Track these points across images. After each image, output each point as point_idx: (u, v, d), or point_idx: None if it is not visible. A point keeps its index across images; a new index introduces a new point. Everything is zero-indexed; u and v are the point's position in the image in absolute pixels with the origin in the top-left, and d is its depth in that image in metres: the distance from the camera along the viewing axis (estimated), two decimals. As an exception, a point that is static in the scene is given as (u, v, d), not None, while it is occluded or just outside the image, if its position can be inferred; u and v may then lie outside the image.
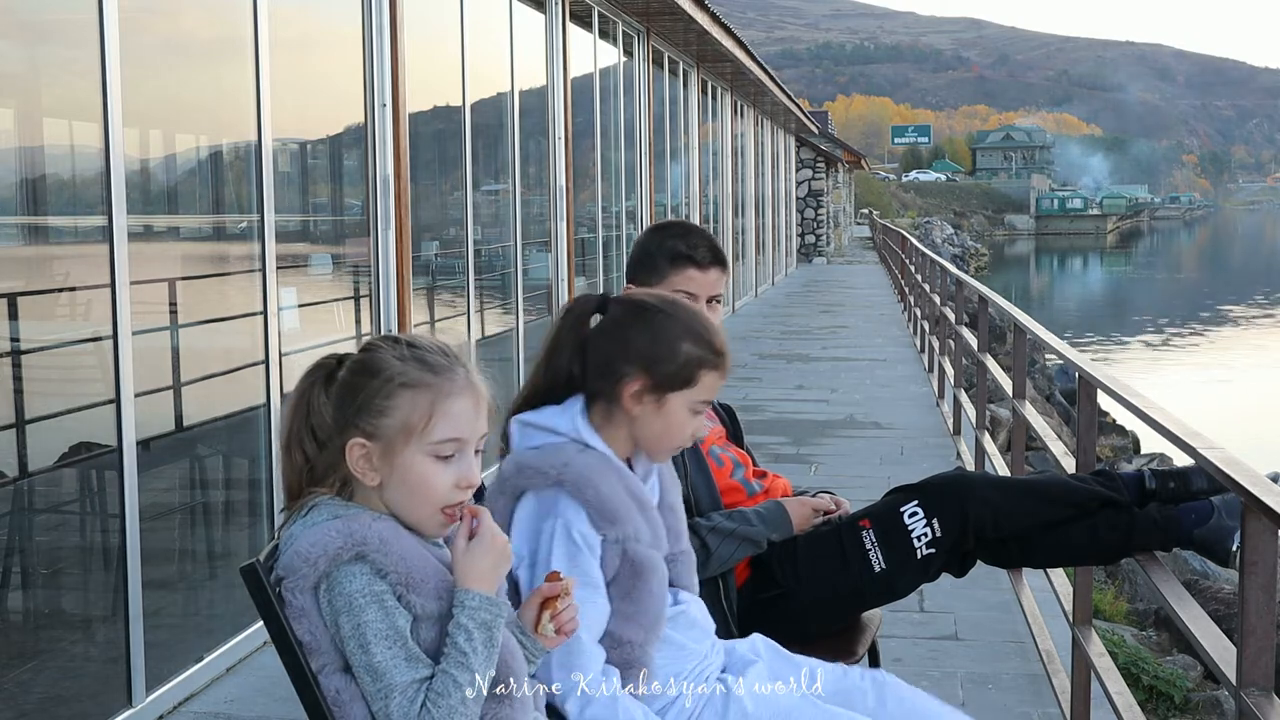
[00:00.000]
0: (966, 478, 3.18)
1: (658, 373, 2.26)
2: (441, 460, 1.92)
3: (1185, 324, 35.71)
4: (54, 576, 4.18)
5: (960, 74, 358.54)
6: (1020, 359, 5.82)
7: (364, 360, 1.95)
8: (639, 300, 2.35)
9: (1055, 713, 4.15)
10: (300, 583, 1.86)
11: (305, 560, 1.86)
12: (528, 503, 2.22)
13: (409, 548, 1.90)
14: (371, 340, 1.99)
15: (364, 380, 1.93)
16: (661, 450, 2.34)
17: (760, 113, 23.97)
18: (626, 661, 2.22)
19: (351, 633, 1.84)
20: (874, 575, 2.98)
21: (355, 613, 1.84)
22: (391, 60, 5.97)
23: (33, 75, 4.22)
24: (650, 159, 13.06)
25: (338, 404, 1.93)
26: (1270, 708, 2.35)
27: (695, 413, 2.30)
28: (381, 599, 1.85)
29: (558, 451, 2.24)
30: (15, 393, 3.91)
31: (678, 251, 2.96)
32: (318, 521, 1.90)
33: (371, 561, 1.86)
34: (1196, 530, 2.98)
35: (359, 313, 6.24)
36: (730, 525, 2.89)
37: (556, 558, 2.18)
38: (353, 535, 1.86)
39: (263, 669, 4.49)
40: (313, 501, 1.94)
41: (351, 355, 1.98)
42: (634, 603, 2.22)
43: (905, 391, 11.30)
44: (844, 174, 47.74)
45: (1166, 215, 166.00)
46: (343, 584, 1.85)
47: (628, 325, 2.30)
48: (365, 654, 1.83)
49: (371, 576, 1.85)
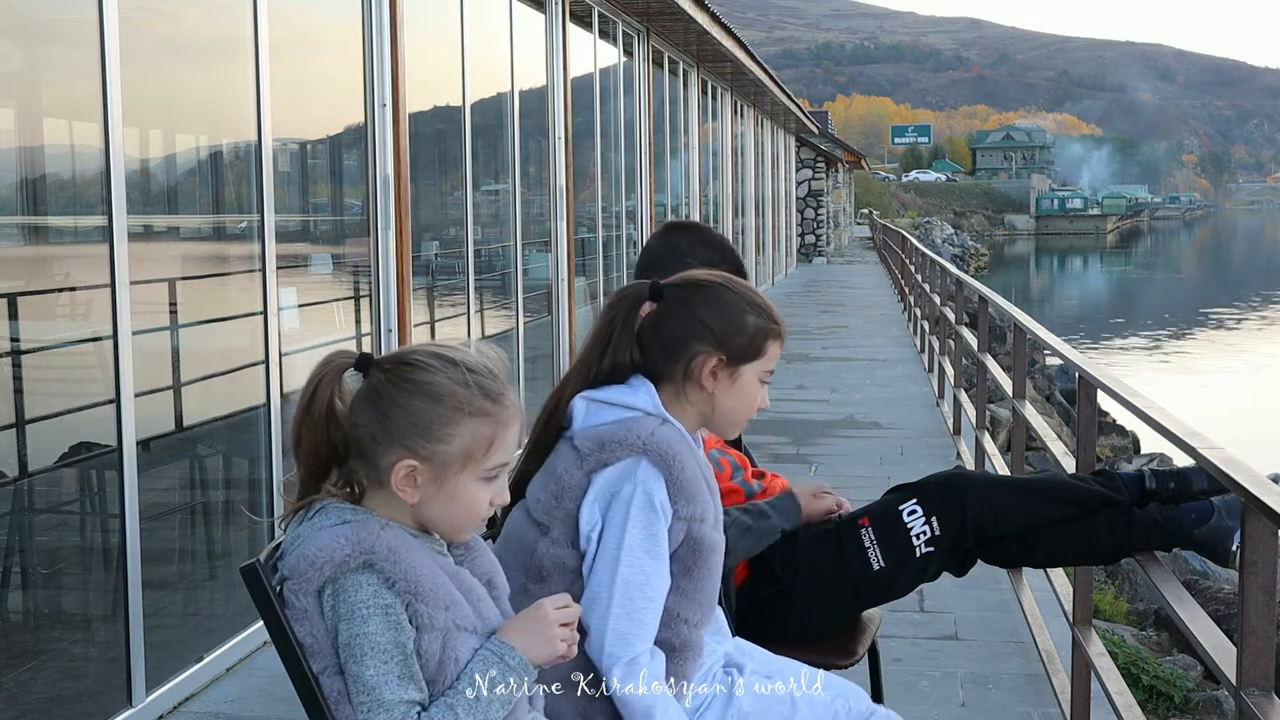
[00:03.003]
0: (965, 476, 3.17)
1: (731, 346, 2.31)
2: (488, 481, 1.94)
3: (1185, 324, 35.70)
4: (54, 576, 4.18)
5: (960, 74, 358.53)
6: (1020, 359, 5.81)
7: (419, 382, 1.90)
8: (698, 280, 2.37)
9: (1055, 713, 4.15)
10: (304, 585, 1.86)
11: (311, 564, 1.85)
12: (606, 474, 2.21)
13: (418, 558, 1.89)
14: (419, 355, 1.93)
15: (423, 404, 1.89)
16: (735, 423, 2.37)
17: (760, 113, 23.96)
18: (682, 641, 2.23)
19: (348, 641, 1.83)
20: (873, 573, 2.98)
21: (357, 622, 1.83)
22: (391, 60, 5.97)
23: (33, 75, 4.22)
24: (650, 159, 13.06)
25: (381, 419, 1.89)
26: (1270, 708, 2.35)
27: (764, 383, 2.36)
28: (387, 611, 1.84)
29: (640, 423, 2.24)
30: (15, 393, 3.91)
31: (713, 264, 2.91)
32: (325, 525, 1.89)
33: (380, 570, 1.85)
34: (1196, 530, 2.98)
35: (359, 313, 6.24)
36: (748, 520, 2.90)
37: (634, 523, 2.17)
38: (361, 543, 1.86)
39: (263, 669, 4.49)
40: (320, 504, 1.93)
41: (388, 363, 1.93)
42: (693, 580, 2.24)
43: (905, 391, 11.30)
44: (844, 174, 47.74)
45: (1166, 215, 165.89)
46: (349, 592, 1.84)
47: (694, 304, 2.32)
48: (358, 665, 1.82)
49: (379, 587, 1.84)
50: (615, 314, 2.33)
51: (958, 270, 10.61)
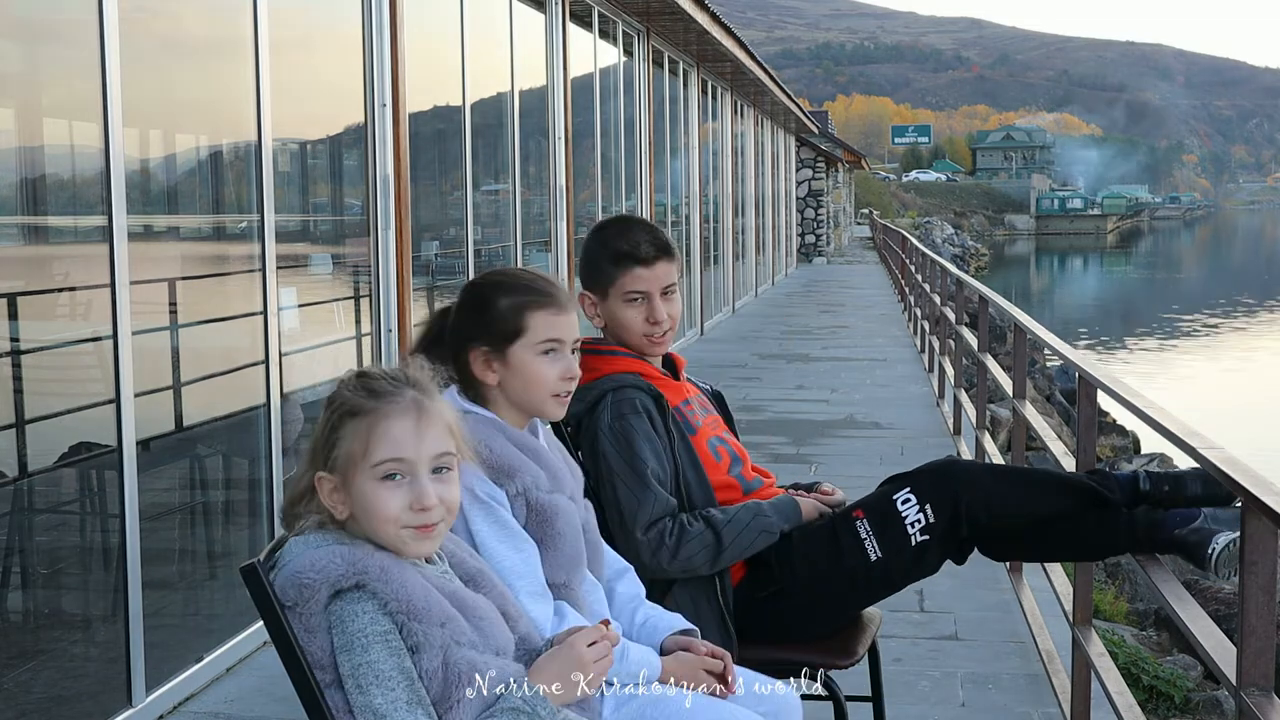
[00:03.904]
0: (958, 463, 3.16)
1: (490, 336, 2.38)
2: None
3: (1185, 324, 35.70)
4: (54, 576, 4.18)
5: (960, 74, 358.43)
6: (1020, 359, 5.81)
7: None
8: (465, 286, 2.50)
9: (1055, 713, 4.15)
10: (310, 607, 1.86)
11: (306, 585, 1.85)
12: None
13: (409, 577, 1.89)
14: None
15: (322, 415, 1.97)
16: (538, 402, 2.41)
17: (760, 113, 23.96)
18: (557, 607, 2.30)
19: (351, 672, 1.83)
20: (870, 564, 2.97)
21: (357, 652, 1.83)
22: (391, 60, 5.97)
23: (33, 75, 4.22)
24: (650, 159, 13.06)
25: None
26: (1270, 708, 2.35)
27: (550, 353, 2.39)
28: (386, 638, 1.84)
29: None
30: (15, 393, 3.91)
31: (620, 251, 2.95)
32: (320, 544, 1.90)
33: (372, 591, 1.85)
34: (1178, 531, 2.97)
35: (359, 313, 6.24)
36: (746, 517, 2.90)
37: (477, 521, 2.24)
38: (355, 564, 1.86)
39: (263, 669, 4.49)
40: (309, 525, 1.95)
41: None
42: (548, 547, 2.31)
43: (905, 391, 11.29)
44: (844, 174, 47.73)
45: (1166, 215, 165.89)
46: (346, 622, 1.84)
47: (455, 312, 2.45)
48: (364, 695, 1.82)
49: (375, 614, 1.85)
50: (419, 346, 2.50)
51: (958, 270, 10.61)
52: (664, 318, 2.95)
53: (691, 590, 2.89)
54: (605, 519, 2.84)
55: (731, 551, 2.87)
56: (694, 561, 2.84)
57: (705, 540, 2.84)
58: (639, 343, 2.98)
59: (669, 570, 2.83)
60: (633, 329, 2.96)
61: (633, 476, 2.82)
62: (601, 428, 2.85)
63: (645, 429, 2.86)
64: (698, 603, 2.88)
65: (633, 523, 2.81)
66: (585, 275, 3.02)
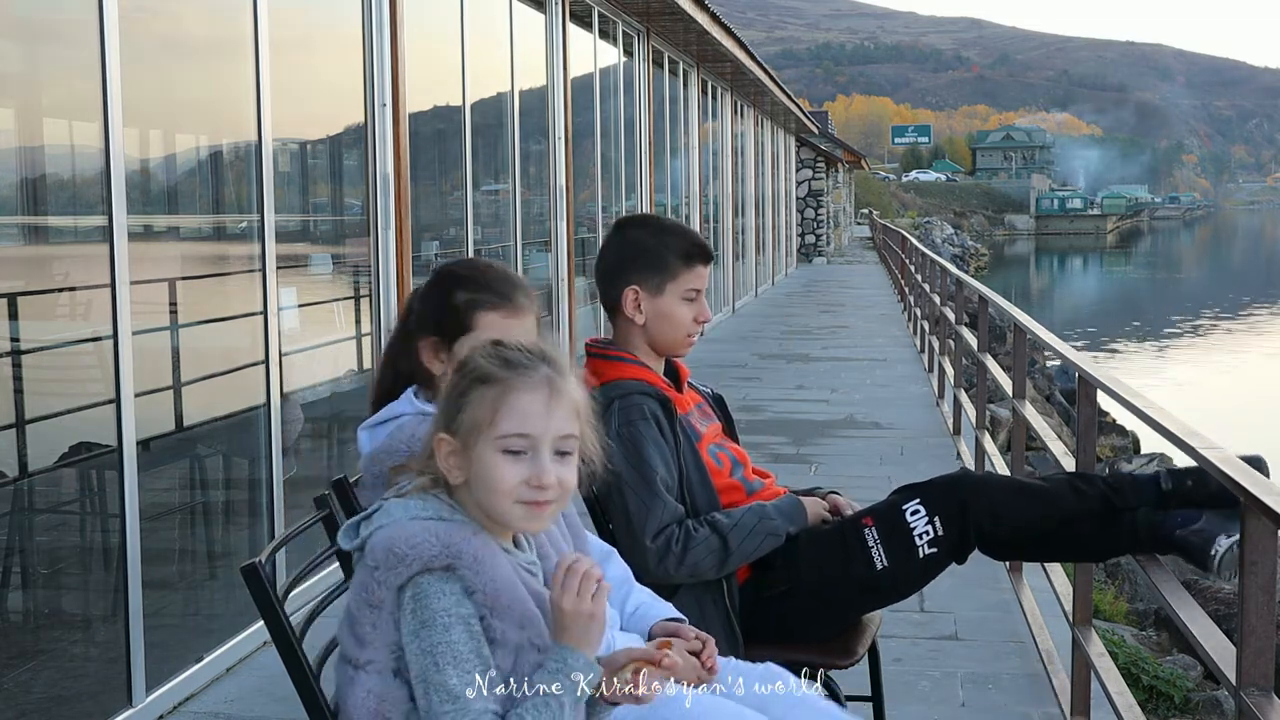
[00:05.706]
0: (970, 476, 3.16)
1: (441, 329, 2.43)
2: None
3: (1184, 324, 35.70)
4: (54, 576, 4.18)
5: (960, 74, 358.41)
6: (1020, 359, 5.81)
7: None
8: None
9: (1055, 713, 4.15)
10: (390, 578, 1.83)
11: (401, 560, 1.83)
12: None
13: (501, 571, 1.86)
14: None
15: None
16: None
17: (760, 113, 23.96)
18: None
19: (429, 648, 1.80)
20: (876, 573, 2.97)
21: (438, 630, 1.81)
22: (391, 60, 5.97)
23: (33, 75, 4.22)
24: (650, 159, 13.07)
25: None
26: (1270, 708, 2.35)
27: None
28: (468, 622, 1.82)
29: (402, 429, 2.39)
30: (15, 393, 3.91)
31: (690, 248, 3.00)
32: (420, 514, 1.88)
33: (461, 577, 1.83)
34: (1179, 531, 2.96)
35: (359, 313, 6.25)
36: (752, 521, 2.90)
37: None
38: (450, 546, 1.84)
39: (263, 669, 4.49)
40: (419, 485, 1.93)
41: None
42: None
43: (905, 391, 11.29)
44: (844, 174, 47.72)
45: (1166, 215, 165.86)
46: (430, 599, 1.82)
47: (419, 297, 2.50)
48: (440, 673, 1.79)
49: (460, 596, 1.83)
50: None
51: (958, 270, 10.61)
52: (710, 317, 3.07)
53: (697, 592, 2.89)
54: (611, 525, 2.84)
55: (738, 556, 2.87)
56: (701, 567, 2.84)
57: (712, 546, 2.84)
58: (678, 340, 3.03)
59: (675, 577, 2.83)
60: (681, 325, 3.01)
61: (641, 484, 2.82)
62: (609, 434, 2.84)
63: (654, 435, 2.86)
64: (703, 604, 2.88)
65: (641, 530, 2.81)
66: (635, 269, 2.98)
